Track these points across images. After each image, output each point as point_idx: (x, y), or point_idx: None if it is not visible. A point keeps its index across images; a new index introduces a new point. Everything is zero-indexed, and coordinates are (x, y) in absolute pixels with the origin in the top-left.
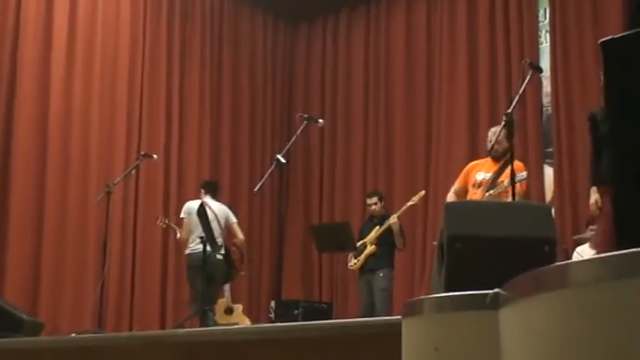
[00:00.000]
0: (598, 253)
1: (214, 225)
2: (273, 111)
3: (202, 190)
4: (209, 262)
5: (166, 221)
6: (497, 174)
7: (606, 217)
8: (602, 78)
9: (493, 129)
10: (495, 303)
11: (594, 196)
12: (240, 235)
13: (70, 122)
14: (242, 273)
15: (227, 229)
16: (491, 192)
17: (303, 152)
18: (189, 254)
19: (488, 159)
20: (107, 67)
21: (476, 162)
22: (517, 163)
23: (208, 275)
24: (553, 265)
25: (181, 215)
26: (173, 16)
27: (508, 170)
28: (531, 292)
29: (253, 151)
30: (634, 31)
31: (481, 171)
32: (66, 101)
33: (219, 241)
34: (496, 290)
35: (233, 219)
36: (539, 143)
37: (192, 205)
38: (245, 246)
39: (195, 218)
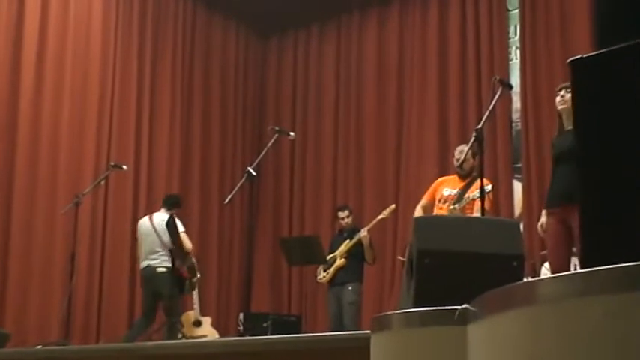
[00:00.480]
0: (552, 272)
1: (152, 238)
2: (243, 123)
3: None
4: (152, 276)
5: None
6: (464, 190)
7: (552, 237)
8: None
9: (460, 147)
10: (464, 318)
11: (542, 218)
12: (188, 245)
13: (39, 131)
14: (194, 279)
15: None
16: (456, 206)
17: (273, 165)
18: (140, 271)
19: (455, 176)
20: (77, 77)
21: (443, 178)
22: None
23: (154, 290)
24: (521, 281)
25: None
26: (145, 25)
27: (474, 187)
28: (500, 308)
29: (223, 163)
30: (602, 50)
31: (448, 187)
32: (35, 110)
33: (159, 254)
34: (465, 306)
35: (180, 228)
36: (508, 159)
37: (141, 221)
38: (193, 253)
39: (142, 235)
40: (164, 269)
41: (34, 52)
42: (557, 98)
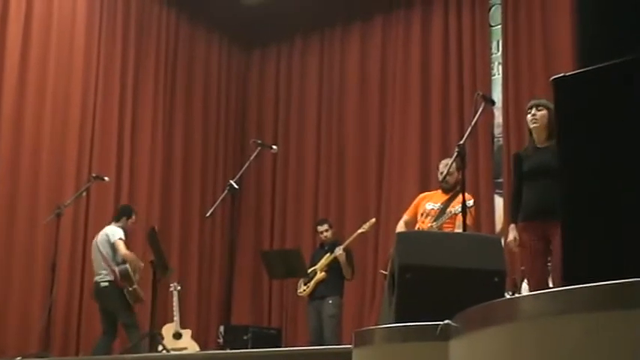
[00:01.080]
0: (531, 288)
1: (96, 254)
2: (225, 135)
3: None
4: (98, 292)
5: None
6: (446, 204)
7: (528, 252)
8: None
9: (444, 161)
10: (446, 334)
11: (513, 233)
12: (122, 251)
13: (21, 141)
14: (130, 288)
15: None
16: (433, 224)
17: (255, 178)
18: None
19: (439, 190)
20: (60, 88)
21: (426, 193)
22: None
23: (103, 306)
24: (502, 298)
25: None
26: (128, 36)
27: (457, 201)
28: (481, 325)
29: (205, 175)
30: (584, 69)
31: (430, 201)
32: (17, 120)
33: (102, 269)
34: (446, 322)
35: (112, 238)
36: (489, 174)
37: (96, 238)
38: (130, 260)
39: (93, 252)
40: (107, 284)
41: (15, 63)
42: (529, 117)
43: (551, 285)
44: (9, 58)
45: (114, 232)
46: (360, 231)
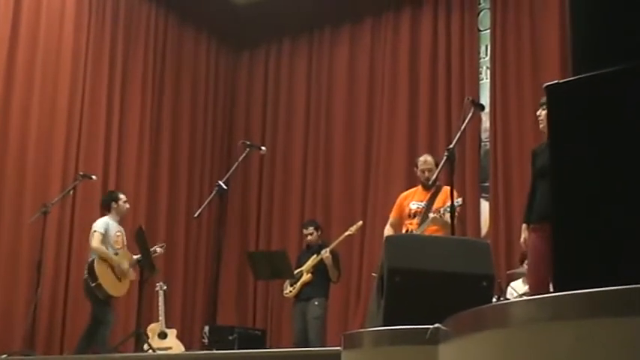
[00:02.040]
0: (530, 290)
1: None
2: (213, 136)
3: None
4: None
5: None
6: (430, 201)
7: (533, 253)
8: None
9: (422, 157)
10: (435, 338)
11: (524, 234)
12: (91, 244)
13: (7, 139)
14: (92, 284)
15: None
16: (421, 228)
17: (241, 178)
18: None
19: (419, 187)
20: (47, 85)
21: (407, 192)
22: (448, 190)
23: None
24: (493, 303)
25: None
26: (116, 35)
27: (440, 197)
28: (471, 330)
29: (192, 175)
30: (577, 77)
31: (413, 200)
32: (3, 118)
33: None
34: (436, 325)
35: (92, 229)
36: (476, 177)
37: None
38: (100, 253)
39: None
40: (85, 276)
41: (2, 61)
42: (540, 118)
43: (551, 290)
44: None
45: (96, 224)
46: (347, 233)
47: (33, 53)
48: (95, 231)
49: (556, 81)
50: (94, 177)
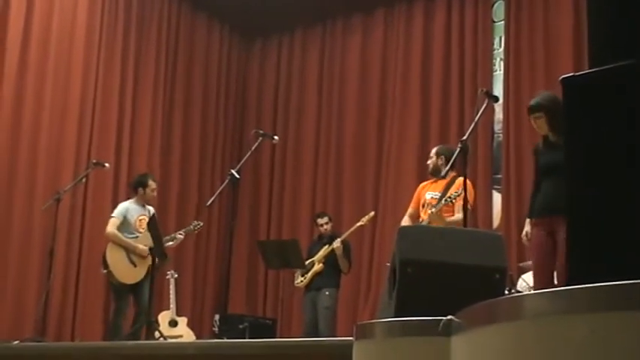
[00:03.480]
0: (534, 281)
1: None
2: (224, 125)
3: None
4: None
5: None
6: (445, 191)
7: (535, 246)
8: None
9: (435, 149)
10: (448, 330)
11: (526, 228)
12: (106, 230)
13: (20, 127)
14: (104, 271)
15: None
16: (433, 210)
17: (252, 168)
18: None
19: (436, 179)
20: (60, 74)
21: (425, 182)
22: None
23: None
24: (506, 296)
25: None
26: (129, 23)
27: (453, 189)
28: (484, 322)
29: (203, 164)
30: (593, 69)
31: (429, 190)
32: (16, 106)
33: None
34: (449, 317)
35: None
36: (488, 169)
37: None
38: (113, 239)
39: None
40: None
41: (16, 47)
42: (532, 122)
43: (555, 282)
44: (10, 44)
45: (116, 209)
46: (358, 224)
47: (46, 42)
48: (112, 216)
49: (572, 73)
50: (106, 165)
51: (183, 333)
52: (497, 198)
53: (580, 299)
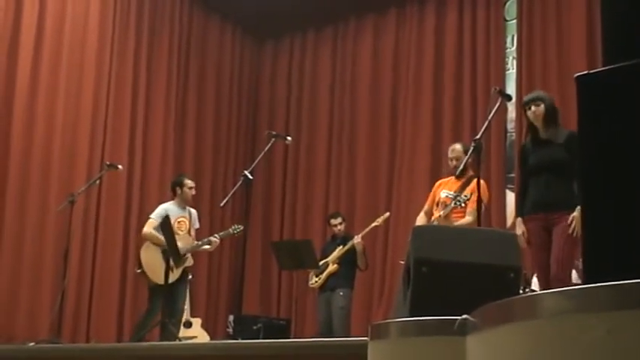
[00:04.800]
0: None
1: None
2: (237, 125)
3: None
4: None
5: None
6: (460, 191)
7: (536, 243)
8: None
9: (452, 146)
10: (463, 329)
11: (520, 227)
12: (143, 230)
13: (33, 129)
14: (138, 271)
15: None
16: (441, 213)
17: (265, 168)
18: None
19: (452, 177)
20: (73, 75)
21: (442, 180)
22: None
23: None
24: (522, 295)
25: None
26: (141, 24)
27: (469, 188)
28: (500, 321)
29: (216, 165)
30: (608, 67)
31: (445, 189)
32: (30, 108)
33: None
34: (465, 317)
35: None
36: (501, 168)
37: None
38: (149, 238)
39: None
40: None
41: (30, 49)
42: (529, 113)
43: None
44: (23, 45)
45: (155, 210)
46: (373, 224)
47: (59, 44)
48: (150, 217)
49: (586, 71)
50: (120, 167)
51: (198, 334)
52: (510, 197)
53: (597, 298)
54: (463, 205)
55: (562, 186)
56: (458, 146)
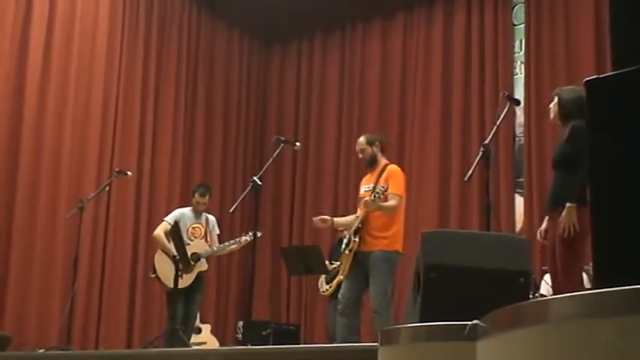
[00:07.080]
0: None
1: None
2: (246, 131)
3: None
4: None
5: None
6: (376, 182)
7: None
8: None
9: (361, 138)
10: (473, 334)
11: (543, 225)
12: (154, 232)
13: (43, 136)
14: (152, 275)
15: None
16: (373, 196)
17: (274, 174)
18: None
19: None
20: (82, 82)
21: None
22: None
23: None
24: (532, 300)
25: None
26: (150, 31)
27: (383, 178)
28: (510, 326)
29: (225, 170)
30: (616, 72)
31: (364, 184)
32: (39, 115)
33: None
34: (475, 322)
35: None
36: (510, 173)
37: None
38: (157, 242)
39: None
40: None
41: (39, 56)
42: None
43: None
44: (32, 53)
45: (171, 213)
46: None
47: (68, 50)
48: (163, 220)
49: (595, 76)
50: (129, 173)
51: (207, 340)
52: (519, 201)
53: (607, 302)
54: (382, 196)
55: (560, 183)
56: (361, 139)
